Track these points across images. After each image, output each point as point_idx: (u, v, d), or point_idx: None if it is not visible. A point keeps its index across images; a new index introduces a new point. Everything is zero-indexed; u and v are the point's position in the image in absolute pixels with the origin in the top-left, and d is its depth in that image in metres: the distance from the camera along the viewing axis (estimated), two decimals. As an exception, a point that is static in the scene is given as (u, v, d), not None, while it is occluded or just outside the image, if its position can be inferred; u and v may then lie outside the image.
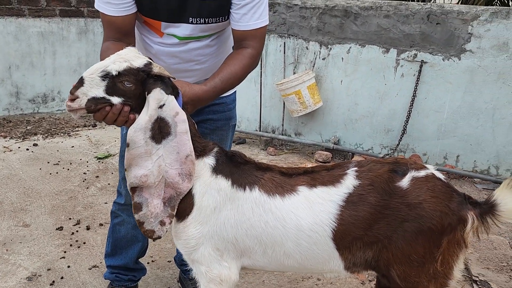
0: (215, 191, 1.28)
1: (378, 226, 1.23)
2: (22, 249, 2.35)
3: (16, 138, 4.07)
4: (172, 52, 1.56)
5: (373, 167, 1.27)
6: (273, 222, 1.26)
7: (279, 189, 1.28)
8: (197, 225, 1.28)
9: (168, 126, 1.24)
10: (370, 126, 3.95)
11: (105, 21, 1.48)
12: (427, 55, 3.59)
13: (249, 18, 1.48)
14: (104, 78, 1.20)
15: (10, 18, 4.41)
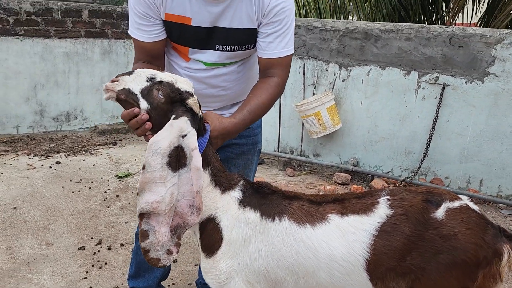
0: (244, 224, 1.26)
1: (412, 257, 1.20)
2: (45, 269, 2.37)
3: (39, 155, 4.15)
4: (199, 78, 1.59)
5: (406, 196, 1.25)
6: (305, 252, 1.23)
7: (309, 217, 1.26)
8: (227, 259, 1.26)
9: (185, 157, 1.23)
10: (390, 148, 3.92)
11: (136, 45, 1.54)
12: (449, 77, 3.56)
13: (275, 47, 1.50)
14: (148, 80, 1.24)
15: (37, 39, 4.55)
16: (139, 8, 1.45)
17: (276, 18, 1.47)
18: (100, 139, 4.81)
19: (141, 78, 1.23)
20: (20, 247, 2.57)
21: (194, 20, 1.46)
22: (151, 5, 1.44)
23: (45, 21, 4.56)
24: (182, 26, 1.47)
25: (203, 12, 1.44)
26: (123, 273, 2.37)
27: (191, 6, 1.43)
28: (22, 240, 2.65)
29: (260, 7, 1.46)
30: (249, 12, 1.47)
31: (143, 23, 1.47)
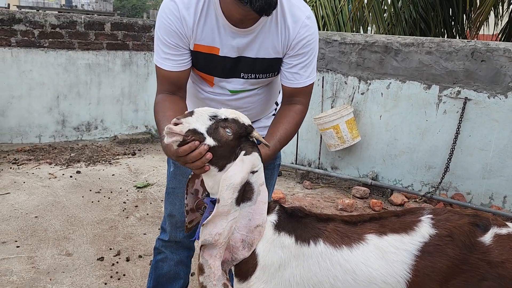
0: (279, 249, 1.24)
1: (455, 282, 1.16)
2: (64, 279, 2.40)
3: (60, 165, 4.23)
4: (222, 101, 1.60)
5: (451, 217, 1.20)
6: (343, 276, 1.20)
7: (345, 239, 1.22)
8: (261, 284, 1.23)
9: (252, 192, 1.24)
10: (410, 162, 3.86)
11: (161, 75, 1.52)
12: (471, 92, 3.51)
13: (300, 77, 1.52)
14: (211, 119, 1.21)
15: (61, 51, 4.66)
16: (168, 38, 1.44)
17: (302, 51, 1.49)
18: (119, 149, 4.87)
19: (204, 117, 1.21)
20: (41, 257, 2.60)
21: (222, 51, 1.47)
22: (182, 36, 1.44)
23: (69, 34, 4.67)
24: (210, 56, 1.48)
25: (231, 43, 1.45)
26: (141, 285, 2.37)
27: (220, 37, 1.45)
28: (43, 250, 2.69)
29: (286, 39, 1.47)
30: (275, 43, 1.48)
31: (172, 53, 1.46)
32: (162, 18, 1.44)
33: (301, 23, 1.45)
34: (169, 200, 1.80)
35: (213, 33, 1.44)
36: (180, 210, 1.78)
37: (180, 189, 1.76)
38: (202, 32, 1.44)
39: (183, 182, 1.76)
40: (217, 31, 1.44)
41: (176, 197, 1.78)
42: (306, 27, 1.46)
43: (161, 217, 3.25)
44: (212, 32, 1.44)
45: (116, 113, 5.10)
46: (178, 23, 1.42)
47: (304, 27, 1.46)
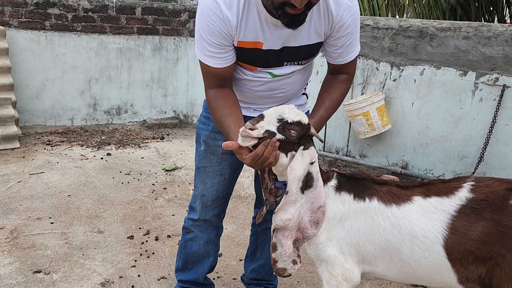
0: (340, 204, 1.43)
1: (491, 242, 1.23)
2: (96, 255, 2.46)
3: (91, 147, 4.32)
4: (262, 82, 1.60)
5: (491, 184, 1.29)
6: (390, 229, 1.36)
7: (395, 199, 1.38)
8: (326, 232, 1.44)
9: (312, 180, 1.40)
10: (442, 151, 3.76)
11: (207, 71, 1.52)
12: (510, 79, 3.37)
13: (346, 54, 1.54)
14: (279, 121, 1.36)
15: (93, 35, 4.74)
16: (213, 38, 1.43)
17: (347, 31, 1.48)
18: (148, 133, 4.94)
19: (273, 120, 1.36)
20: (73, 233, 2.68)
21: (265, 45, 1.46)
22: (226, 35, 1.43)
23: (101, 18, 4.74)
24: (253, 51, 1.48)
25: (275, 36, 1.44)
26: (169, 264, 2.41)
27: (263, 32, 1.44)
28: (76, 227, 2.76)
29: (330, 22, 1.46)
30: (318, 29, 1.47)
31: (217, 51, 1.46)
32: (204, 19, 1.42)
33: (344, 5, 1.43)
34: (200, 179, 1.81)
35: (256, 29, 1.43)
36: (211, 189, 1.79)
37: (211, 168, 1.77)
38: (246, 29, 1.43)
39: (213, 160, 1.77)
40: (259, 26, 1.42)
41: (207, 176, 1.79)
42: (348, 8, 1.44)
43: (189, 199, 3.28)
44: (255, 27, 1.42)
45: (145, 98, 5.16)
46: (222, 23, 1.40)
47: (346, 9, 1.44)
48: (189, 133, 5.07)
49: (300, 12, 1.29)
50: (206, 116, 1.77)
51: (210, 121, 1.75)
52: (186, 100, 5.37)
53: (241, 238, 2.75)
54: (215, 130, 1.74)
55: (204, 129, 1.78)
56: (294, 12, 1.29)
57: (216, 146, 1.75)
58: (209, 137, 1.76)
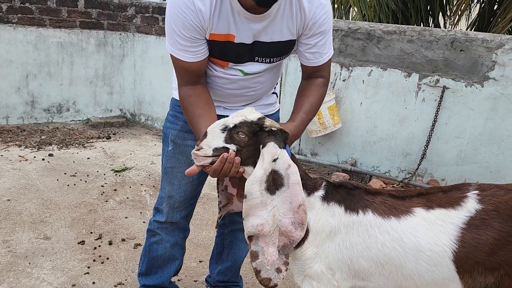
0: (329, 217, 1.34)
1: (502, 253, 1.22)
2: (44, 263, 2.29)
3: (31, 147, 4.04)
4: (233, 80, 1.57)
5: (497, 193, 1.26)
6: (390, 243, 1.27)
7: (393, 211, 1.30)
8: (313, 248, 1.34)
9: (281, 178, 1.30)
10: (388, 149, 3.93)
11: (180, 67, 1.47)
12: (449, 81, 3.60)
13: (320, 55, 1.52)
14: (224, 131, 1.31)
15: (31, 28, 4.42)
16: (185, 32, 1.38)
17: (319, 30, 1.47)
18: (93, 132, 4.70)
19: (217, 132, 1.32)
20: (17, 241, 2.48)
21: (237, 37, 1.43)
22: (199, 28, 1.39)
23: (40, 10, 4.43)
24: (225, 44, 1.44)
25: (247, 29, 1.42)
26: (126, 269, 2.30)
27: (235, 24, 1.41)
28: (19, 233, 2.56)
29: (302, 20, 1.45)
30: (290, 25, 1.46)
31: (189, 45, 1.41)
32: (175, 11, 1.37)
33: (316, 2, 1.43)
34: (167, 180, 1.75)
35: (229, 21, 1.40)
36: (179, 190, 1.74)
37: (178, 169, 1.72)
38: (218, 21, 1.39)
39: (182, 161, 1.71)
40: (232, 19, 1.39)
41: (175, 177, 1.73)
42: (321, 6, 1.44)
43: (141, 200, 3.17)
44: (228, 20, 1.39)
45: (89, 95, 4.91)
46: (194, 16, 1.36)
47: (319, 7, 1.44)
48: (137, 132, 4.89)
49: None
50: (174, 115, 1.72)
51: (178, 120, 1.70)
52: (133, 98, 5.18)
53: (199, 239, 2.70)
54: (184, 129, 1.68)
55: (172, 128, 1.71)
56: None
57: (185, 146, 1.70)
58: (177, 137, 1.70)
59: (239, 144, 1.31)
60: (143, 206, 3.07)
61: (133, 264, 2.36)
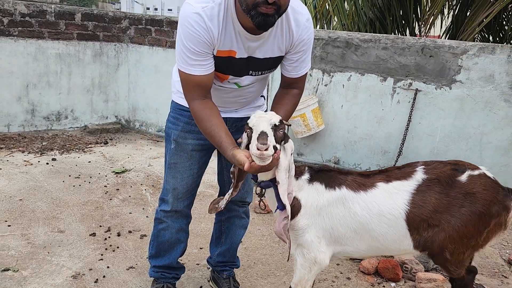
0: (314, 193, 1.68)
1: (441, 210, 1.57)
2: (62, 252, 2.56)
3: (34, 152, 4.27)
4: (228, 91, 1.84)
5: (438, 166, 1.62)
6: (361, 212, 1.62)
7: (361, 186, 1.65)
8: (304, 220, 1.68)
9: (291, 169, 1.61)
10: (368, 148, 4.28)
11: (191, 81, 1.67)
12: (421, 84, 3.97)
13: (299, 68, 1.80)
14: (272, 129, 1.52)
15: (31, 40, 4.67)
16: (197, 47, 1.61)
17: (302, 48, 1.75)
18: (90, 138, 4.95)
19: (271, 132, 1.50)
20: (34, 234, 2.74)
21: (238, 54, 1.69)
22: (209, 44, 1.63)
23: (39, 23, 4.69)
24: (228, 59, 1.70)
25: (245, 47, 1.69)
26: (135, 256, 2.58)
27: (237, 42, 1.67)
28: (35, 228, 2.81)
29: (290, 40, 1.73)
30: (280, 44, 1.73)
31: (200, 59, 1.63)
32: (188, 29, 1.60)
33: (302, 26, 1.71)
34: (171, 174, 2.02)
35: (232, 39, 1.66)
36: (182, 182, 2.01)
37: (181, 164, 2.00)
38: (224, 39, 1.65)
39: (183, 157, 1.99)
40: (234, 37, 1.66)
41: (178, 171, 2.00)
42: (306, 29, 1.72)
43: (143, 198, 3.44)
44: (231, 38, 1.66)
45: (86, 103, 5.16)
46: (206, 33, 1.60)
47: (304, 29, 1.72)
48: (132, 138, 5.15)
49: (271, 12, 1.52)
50: (175, 117, 1.99)
51: (179, 121, 1.97)
52: (127, 105, 5.44)
53: (198, 229, 2.98)
54: (185, 129, 1.96)
55: (174, 129, 1.98)
56: (266, 11, 1.51)
57: (185, 144, 1.97)
58: (179, 136, 1.97)
59: (276, 140, 1.51)
60: (144, 203, 3.35)
61: (141, 251, 2.64)
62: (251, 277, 2.48)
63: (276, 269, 2.58)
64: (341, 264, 2.67)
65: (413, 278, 2.54)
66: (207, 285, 2.38)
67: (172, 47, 5.01)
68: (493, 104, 3.76)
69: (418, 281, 2.45)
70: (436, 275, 2.47)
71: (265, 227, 3.08)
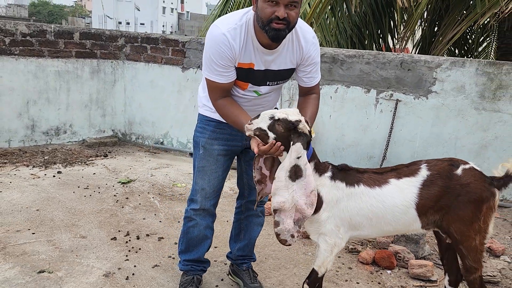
0: (335, 190, 1.96)
1: (443, 199, 1.92)
2: (89, 254, 2.77)
3: (38, 166, 4.43)
4: (249, 98, 2.16)
5: (438, 163, 1.97)
6: (376, 204, 1.94)
7: (376, 182, 1.96)
8: (326, 213, 1.97)
9: (301, 171, 1.85)
10: (355, 154, 4.65)
11: (215, 87, 2.01)
12: (401, 95, 4.39)
13: (313, 79, 2.15)
14: (270, 119, 1.84)
15: (31, 58, 4.85)
16: (222, 61, 1.94)
17: (313, 61, 2.09)
18: (89, 151, 5.14)
19: (266, 118, 1.85)
20: (59, 240, 2.94)
21: (256, 66, 2.02)
22: (231, 59, 1.96)
23: (39, 42, 4.88)
24: (248, 70, 2.03)
25: (262, 60, 2.02)
26: (157, 255, 2.83)
27: (255, 56, 2.00)
28: (58, 235, 3.01)
29: (300, 54, 2.06)
30: (291, 58, 2.06)
31: (224, 71, 1.97)
32: (216, 48, 1.93)
33: (310, 42, 2.06)
34: (200, 176, 2.30)
35: (251, 54, 1.99)
36: (209, 183, 2.30)
37: (208, 167, 2.29)
38: (244, 54, 1.98)
39: (210, 161, 2.28)
40: (253, 52, 1.99)
41: (206, 174, 2.29)
42: (313, 45, 2.07)
43: (152, 205, 3.68)
44: (250, 53, 1.99)
45: (84, 118, 5.35)
46: (230, 51, 1.94)
47: (312, 45, 2.06)
48: (130, 150, 5.37)
49: (282, 27, 1.86)
50: (202, 127, 2.29)
51: (206, 130, 2.27)
52: (124, 119, 5.66)
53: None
54: (211, 137, 2.26)
55: (202, 137, 2.28)
56: (278, 26, 1.85)
57: (212, 149, 2.27)
58: (206, 143, 2.27)
59: (276, 133, 1.83)
60: (155, 210, 3.59)
61: (162, 251, 2.88)
62: (265, 270, 2.76)
63: (285, 262, 2.88)
64: (342, 256, 2.99)
65: (406, 265, 2.89)
66: (227, 278, 2.64)
67: (167, 63, 5.29)
68: (465, 112, 4.21)
69: (411, 267, 2.80)
70: (426, 262, 2.83)
71: (270, 227, 3.37)
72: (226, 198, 3.93)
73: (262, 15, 1.86)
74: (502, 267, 2.98)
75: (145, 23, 63.85)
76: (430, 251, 3.13)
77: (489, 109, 4.15)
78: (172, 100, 5.34)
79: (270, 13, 1.83)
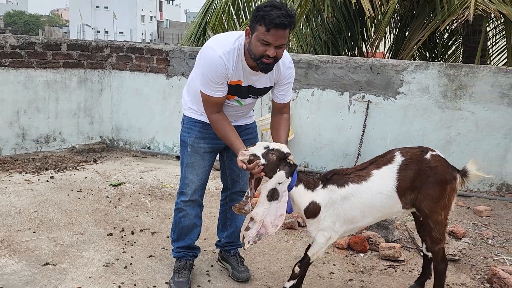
0: (330, 193, 2.26)
1: (416, 181, 2.23)
2: (88, 248, 3.01)
3: (31, 172, 4.63)
4: (232, 106, 2.46)
5: (410, 150, 2.29)
6: (365, 195, 2.22)
7: (361, 177, 2.25)
8: (324, 212, 2.28)
9: (277, 195, 2.16)
10: (332, 152, 4.99)
11: (211, 101, 2.29)
12: (372, 96, 4.75)
13: (285, 97, 2.46)
14: (265, 148, 2.16)
15: (21, 70, 5.05)
16: (218, 79, 2.22)
17: (287, 81, 2.42)
18: (79, 157, 5.34)
19: (261, 147, 2.15)
20: (59, 237, 3.16)
21: (243, 83, 2.34)
22: (225, 77, 2.26)
23: (28, 54, 5.08)
24: (237, 86, 2.34)
25: (248, 79, 2.33)
26: (152, 247, 3.08)
27: (244, 75, 2.31)
28: (57, 232, 3.24)
29: (278, 75, 2.37)
30: (271, 78, 2.37)
31: (219, 87, 2.26)
32: (213, 68, 2.21)
33: (287, 66, 2.38)
34: (189, 171, 2.59)
35: (240, 73, 2.30)
36: (197, 177, 2.59)
37: (196, 163, 2.58)
38: (235, 73, 2.29)
39: (198, 158, 2.57)
40: (242, 72, 2.30)
41: (194, 169, 2.58)
42: (289, 68, 2.39)
43: (144, 204, 3.93)
44: (240, 72, 2.30)
45: (73, 126, 5.55)
46: (224, 71, 2.24)
47: (288, 69, 2.39)
48: (118, 155, 5.59)
49: (271, 62, 2.18)
50: (189, 127, 2.57)
51: (193, 131, 2.56)
52: (111, 126, 5.88)
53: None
54: (198, 136, 2.55)
55: (189, 136, 2.57)
56: (268, 62, 2.17)
57: (199, 147, 2.56)
58: (194, 142, 2.56)
59: (268, 160, 2.14)
60: (146, 208, 3.84)
61: (156, 244, 3.14)
62: (250, 256, 3.05)
63: (269, 250, 3.17)
64: (320, 243, 3.30)
65: (377, 248, 3.21)
66: (216, 264, 2.92)
67: (152, 71, 5.55)
68: (430, 111, 4.59)
69: (381, 249, 3.13)
70: (394, 244, 3.16)
71: (254, 220, 3.67)
72: (212, 196, 4.21)
73: (254, 50, 2.15)
74: (463, 248, 3.33)
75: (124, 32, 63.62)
76: (400, 236, 3.47)
77: (451, 107, 4.55)
78: (157, 106, 5.59)
79: (262, 51, 2.13)
